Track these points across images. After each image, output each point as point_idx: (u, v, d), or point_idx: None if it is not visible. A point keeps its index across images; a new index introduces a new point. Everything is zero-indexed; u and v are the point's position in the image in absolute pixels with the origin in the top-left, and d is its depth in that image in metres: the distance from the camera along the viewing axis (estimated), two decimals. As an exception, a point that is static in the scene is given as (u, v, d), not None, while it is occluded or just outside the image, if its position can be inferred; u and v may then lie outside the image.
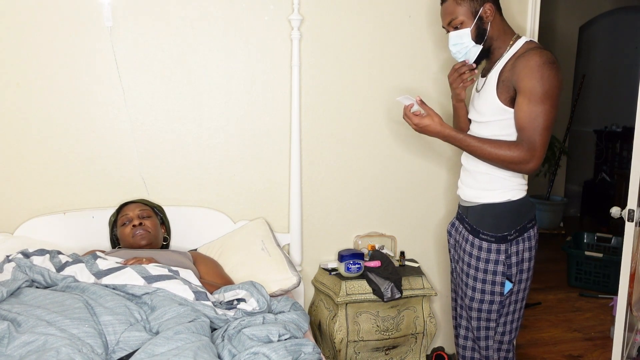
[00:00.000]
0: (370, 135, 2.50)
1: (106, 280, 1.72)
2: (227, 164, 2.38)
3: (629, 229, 2.02)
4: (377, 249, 2.50)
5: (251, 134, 2.38)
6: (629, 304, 2.18)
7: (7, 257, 1.90)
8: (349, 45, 2.41)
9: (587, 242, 4.07)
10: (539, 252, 1.91)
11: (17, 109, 2.15)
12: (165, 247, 2.21)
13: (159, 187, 2.32)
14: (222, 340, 1.57)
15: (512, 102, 1.74)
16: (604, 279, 3.76)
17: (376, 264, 2.36)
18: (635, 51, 5.29)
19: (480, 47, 1.82)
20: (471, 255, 1.86)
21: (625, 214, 2.02)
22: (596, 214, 5.47)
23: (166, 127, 2.30)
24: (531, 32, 2.48)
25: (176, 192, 2.34)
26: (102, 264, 1.80)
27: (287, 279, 2.13)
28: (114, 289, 1.68)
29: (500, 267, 1.82)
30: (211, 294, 1.80)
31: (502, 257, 1.81)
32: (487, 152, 1.74)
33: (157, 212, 2.24)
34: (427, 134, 1.83)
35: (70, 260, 1.85)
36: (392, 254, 2.53)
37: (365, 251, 2.50)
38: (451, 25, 1.82)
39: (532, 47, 1.76)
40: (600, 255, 3.78)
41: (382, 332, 2.36)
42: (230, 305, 1.76)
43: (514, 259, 1.82)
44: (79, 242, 2.18)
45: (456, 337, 2.04)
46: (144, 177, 2.30)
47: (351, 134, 2.48)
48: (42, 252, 1.90)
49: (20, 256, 1.86)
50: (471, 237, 1.87)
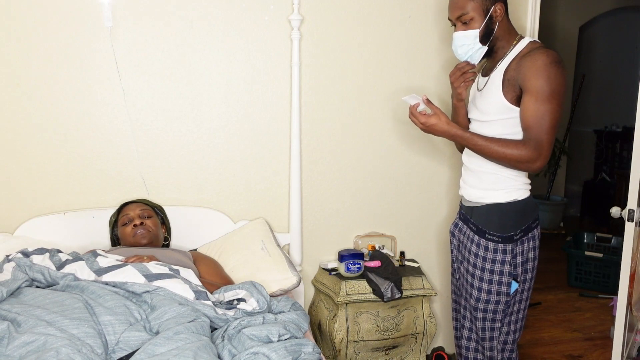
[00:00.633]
0: (370, 135, 2.50)
1: (106, 277, 1.72)
2: (227, 164, 2.38)
3: (629, 229, 2.02)
4: (377, 249, 2.50)
5: (251, 133, 2.38)
6: (629, 304, 2.18)
7: (7, 257, 1.89)
8: (349, 45, 2.41)
9: (587, 242, 4.07)
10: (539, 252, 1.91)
11: (17, 109, 2.15)
12: (165, 247, 2.21)
13: (159, 187, 2.32)
14: (222, 340, 1.57)
15: (517, 101, 1.74)
16: (604, 279, 3.76)
17: (376, 264, 2.36)
18: (635, 51, 5.28)
19: (485, 48, 1.81)
20: (477, 255, 1.85)
21: (625, 214, 2.02)
22: (596, 214, 5.47)
23: (166, 127, 2.30)
24: (531, 32, 2.48)
25: (176, 192, 2.34)
26: (103, 261, 1.79)
27: (287, 279, 2.14)
28: (114, 287, 1.67)
29: (506, 267, 1.81)
30: (211, 293, 1.80)
31: (509, 257, 1.81)
32: (494, 150, 1.73)
33: (157, 212, 2.24)
34: (433, 134, 1.82)
35: (70, 258, 1.85)
36: (392, 254, 2.53)
37: (365, 251, 2.50)
38: (460, 19, 1.79)
39: (537, 46, 1.76)
40: (600, 255, 3.78)
41: (382, 332, 2.36)
42: (230, 305, 1.76)
43: (519, 259, 1.82)
44: (79, 242, 2.18)
45: (458, 337, 2.03)
46: (144, 177, 2.30)
47: (351, 134, 2.48)
48: (41, 251, 1.89)
49: (19, 255, 1.86)
50: (477, 237, 1.86)
